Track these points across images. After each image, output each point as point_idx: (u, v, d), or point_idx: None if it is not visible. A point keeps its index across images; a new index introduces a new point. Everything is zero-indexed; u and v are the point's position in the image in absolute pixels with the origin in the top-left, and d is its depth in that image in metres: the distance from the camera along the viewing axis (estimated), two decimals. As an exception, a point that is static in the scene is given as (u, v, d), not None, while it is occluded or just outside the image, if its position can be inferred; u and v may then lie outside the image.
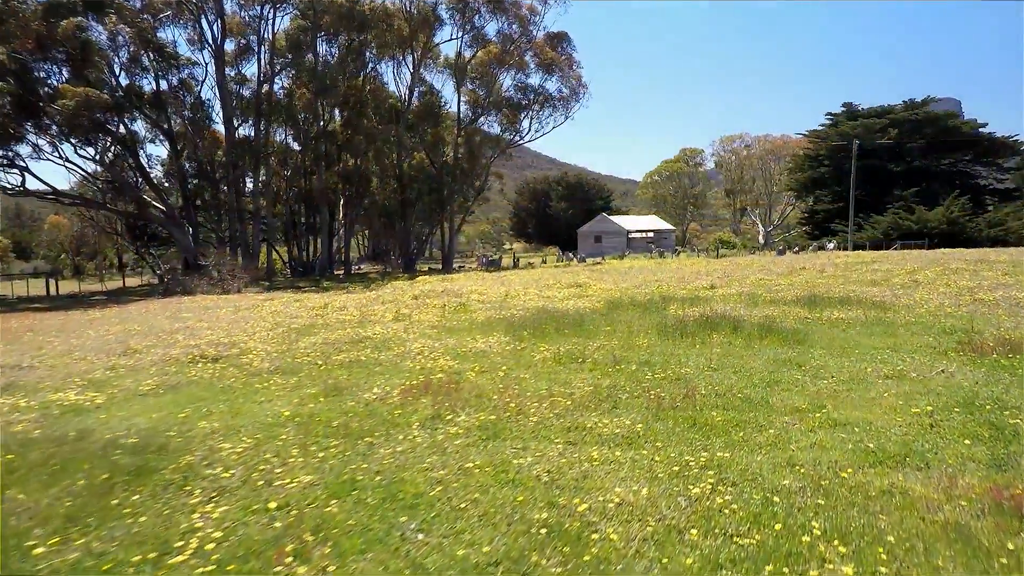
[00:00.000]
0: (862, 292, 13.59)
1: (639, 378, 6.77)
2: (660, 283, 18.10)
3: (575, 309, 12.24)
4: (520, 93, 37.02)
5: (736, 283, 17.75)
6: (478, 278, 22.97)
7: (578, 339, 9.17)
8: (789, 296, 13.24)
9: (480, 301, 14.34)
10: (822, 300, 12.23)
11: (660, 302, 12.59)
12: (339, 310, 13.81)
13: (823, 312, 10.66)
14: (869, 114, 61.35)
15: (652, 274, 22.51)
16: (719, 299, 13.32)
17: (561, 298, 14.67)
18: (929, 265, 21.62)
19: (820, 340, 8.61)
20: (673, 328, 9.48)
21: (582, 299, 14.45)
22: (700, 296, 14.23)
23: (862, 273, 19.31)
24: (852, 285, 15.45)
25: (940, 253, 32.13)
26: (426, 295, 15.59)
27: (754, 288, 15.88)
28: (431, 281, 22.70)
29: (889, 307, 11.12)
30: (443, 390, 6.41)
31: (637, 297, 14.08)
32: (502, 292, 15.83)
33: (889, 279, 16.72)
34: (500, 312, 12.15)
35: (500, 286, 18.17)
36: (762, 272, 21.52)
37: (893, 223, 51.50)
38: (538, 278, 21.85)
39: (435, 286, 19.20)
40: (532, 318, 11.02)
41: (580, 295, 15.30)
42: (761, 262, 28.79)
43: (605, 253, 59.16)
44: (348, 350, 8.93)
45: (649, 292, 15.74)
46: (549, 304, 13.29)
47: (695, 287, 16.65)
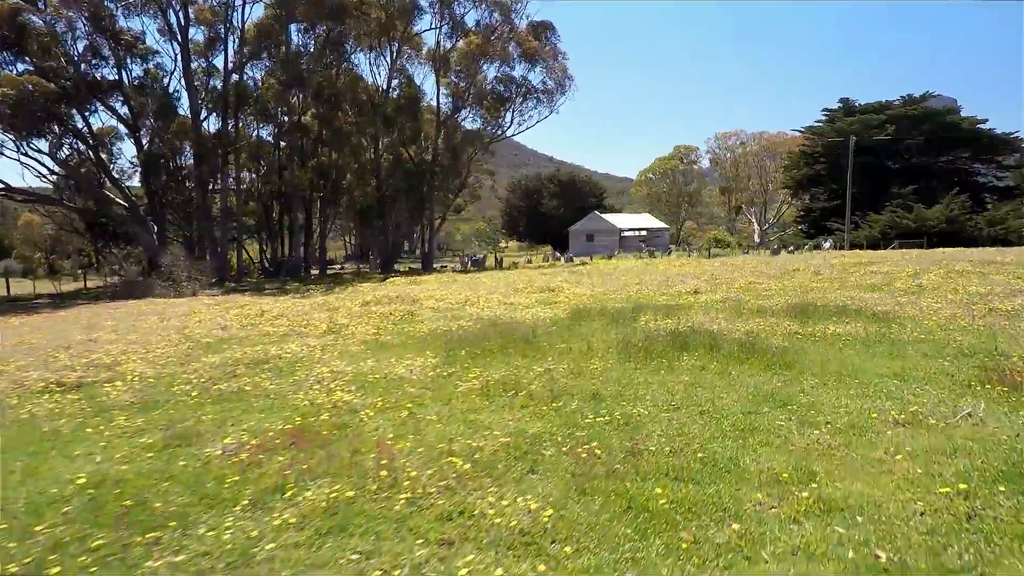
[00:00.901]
0: (861, 299, 12.09)
1: (577, 421, 5.24)
2: (641, 287, 16.59)
3: (533, 320, 10.72)
4: (503, 85, 35.42)
5: (723, 287, 16.24)
6: (449, 280, 21.43)
7: (523, 360, 7.65)
8: (779, 304, 11.73)
9: (433, 309, 12.81)
10: (816, 310, 10.71)
11: (632, 312, 11.06)
12: (275, 319, 12.26)
13: (816, 325, 9.14)
14: (866, 110, 59.92)
15: (636, 276, 20.98)
16: (700, 307, 11.81)
17: (525, 305, 13.14)
18: (932, 267, 20.14)
19: (812, 363, 7.09)
20: (639, 347, 7.96)
21: (548, 307, 12.93)
22: (680, 304, 12.71)
23: (860, 276, 17.82)
24: (849, 290, 13.94)
25: (941, 253, 30.68)
26: (379, 301, 14.04)
27: (742, 293, 14.38)
28: (398, 284, 21.15)
29: (893, 319, 9.61)
30: (315, 440, 4.88)
31: (609, 305, 12.57)
32: (463, 298, 14.29)
33: (890, 283, 15.22)
34: (448, 323, 10.62)
35: (466, 290, 16.63)
36: (753, 274, 20.02)
37: (891, 222, 50.08)
38: (513, 280, 20.32)
39: (398, 290, 17.65)
40: (479, 332, 9.49)
41: (548, 302, 13.78)
42: (753, 263, 27.31)
43: (597, 252, 57.72)
44: (242, 375, 7.38)
45: (625, 298, 14.24)
46: (508, 313, 11.76)
47: (677, 292, 15.14)
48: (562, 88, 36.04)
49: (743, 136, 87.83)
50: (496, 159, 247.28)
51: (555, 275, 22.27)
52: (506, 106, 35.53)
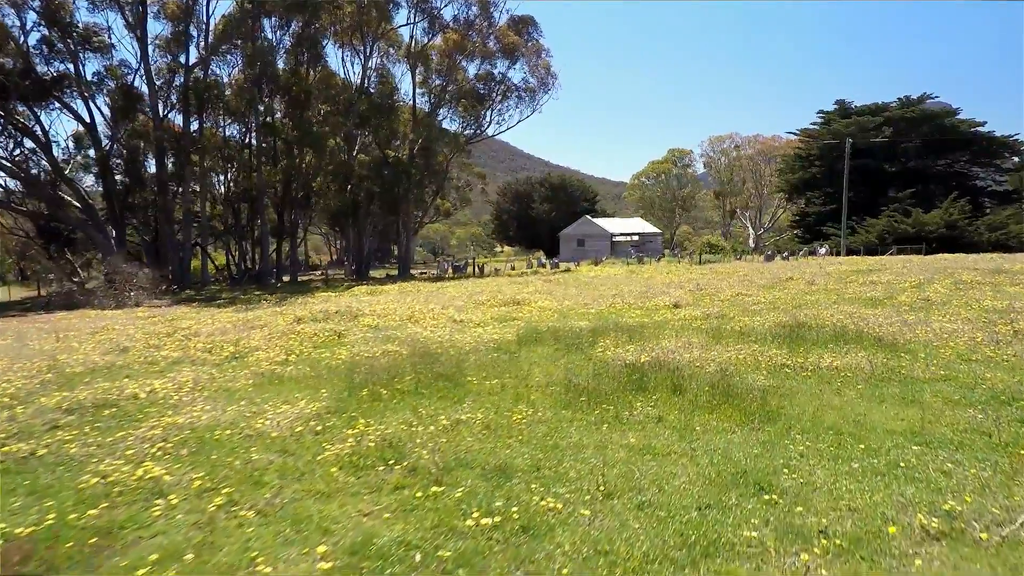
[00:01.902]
0: (861, 317, 10.45)
1: (455, 524, 3.55)
2: (617, 299, 14.92)
3: (475, 344, 9.05)
4: (482, 83, 33.71)
5: (707, 300, 14.60)
6: (412, 291, 19.74)
7: (435, 405, 5.97)
8: (767, 324, 10.07)
9: (369, 327, 11.13)
10: (809, 332, 9.07)
11: (593, 334, 9.39)
12: (184, 339, 10.55)
13: (809, 355, 7.49)
14: (863, 112, 58.54)
15: (615, 286, 19.34)
16: (675, 328, 10.15)
17: (477, 323, 11.46)
18: (936, 276, 18.55)
19: (802, 412, 5.43)
20: (584, 387, 6.28)
21: (503, 324, 11.26)
22: (654, 322, 11.05)
23: (859, 286, 16.21)
24: (848, 305, 12.29)
25: (943, 260, 29.14)
26: (315, 317, 12.34)
27: (726, 308, 12.73)
28: (357, 294, 19.47)
29: (901, 346, 7.96)
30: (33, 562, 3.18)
31: (572, 323, 10.91)
32: (410, 313, 12.61)
33: (893, 296, 13.59)
34: (373, 348, 8.93)
35: (421, 303, 14.94)
36: (742, 284, 18.39)
37: (888, 226, 48.61)
38: (480, 291, 18.63)
39: (347, 302, 15.96)
40: (401, 362, 7.83)
41: (505, 318, 12.10)
42: (745, 270, 25.69)
43: (588, 257, 56.15)
44: (65, 426, 5.68)
45: (595, 314, 12.57)
46: (450, 335, 10.07)
47: (655, 306, 13.48)
48: (545, 86, 34.49)
49: (737, 139, 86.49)
50: (493, 163, 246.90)
51: (530, 284, 20.59)
52: (485, 105, 33.86)
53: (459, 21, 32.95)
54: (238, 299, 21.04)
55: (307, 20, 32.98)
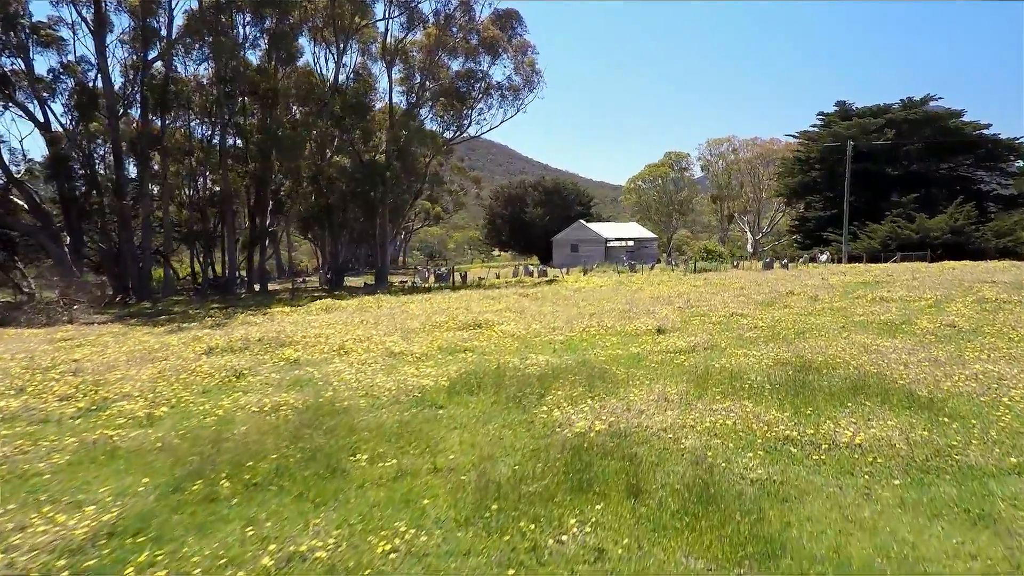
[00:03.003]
0: (879, 352, 8.59)
1: None
2: (594, 320, 13.05)
3: (396, 392, 7.18)
4: (462, 81, 31.84)
5: (697, 322, 12.73)
6: (372, 306, 17.83)
7: (287, 510, 4.10)
8: (765, 362, 8.21)
9: (288, 361, 9.27)
10: (818, 377, 7.20)
11: (547, 379, 7.52)
12: (56, 378, 8.65)
13: (821, 420, 5.60)
14: (864, 114, 56.80)
15: (598, 302, 17.47)
16: (652, 367, 8.29)
17: (416, 356, 9.58)
18: (953, 291, 16.70)
19: (818, 544, 3.56)
20: (507, 480, 4.41)
21: (446, 359, 9.39)
22: (629, 355, 9.19)
23: (869, 304, 14.34)
24: (860, 333, 10.42)
25: (952, 270, 27.33)
26: (231, 346, 10.45)
27: (718, 334, 10.86)
28: (312, 309, 17.59)
29: (940, 404, 6.08)
30: None
31: (529, 360, 9.04)
32: (346, 341, 10.70)
33: (910, 319, 11.72)
34: (266, 397, 7.05)
35: (369, 325, 13.05)
36: (738, 299, 16.53)
37: (891, 232, 46.79)
38: (446, 307, 16.75)
39: (289, 321, 14.10)
40: (281, 424, 5.95)
41: (454, 348, 10.22)
42: (742, 281, 23.85)
43: (582, 263, 54.39)
44: None
45: (561, 344, 10.71)
46: (374, 375, 8.19)
47: (635, 331, 11.60)
48: (531, 84, 32.60)
49: (735, 142, 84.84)
50: (491, 166, 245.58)
51: (504, 299, 18.70)
52: (467, 103, 31.98)
53: (439, 15, 31.12)
54: (183, 315, 19.14)
55: (280, 16, 31.18)
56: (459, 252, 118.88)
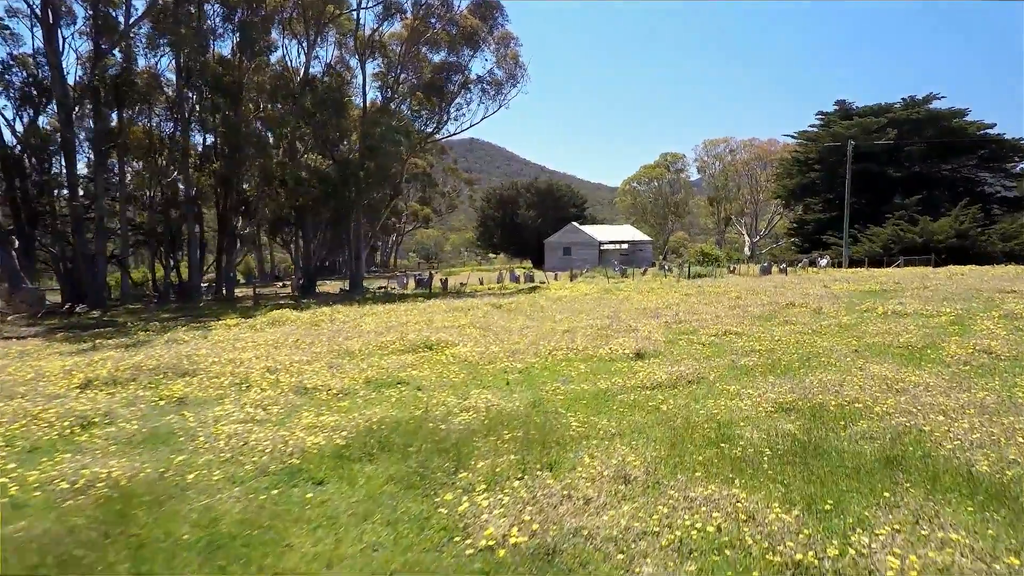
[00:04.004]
0: (905, 390, 6.82)
1: None
2: (565, 340, 11.27)
3: (271, 455, 5.36)
4: (439, 74, 29.97)
5: (683, 342, 10.94)
6: (325, 319, 15.99)
7: None
8: (762, 410, 6.41)
9: (169, 399, 7.46)
10: (834, 435, 5.42)
11: (475, 436, 5.73)
12: None
13: (848, 533, 3.78)
14: (865, 113, 55.16)
15: (577, 315, 15.69)
16: (617, 416, 6.51)
17: (334, 392, 7.79)
18: (970, 300, 14.97)
19: None
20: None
21: (368, 397, 7.61)
22: (595, 392, 7.41)
23: (881, 321, 12.56)
24: (878, 362, 8.63)
25: (962, 275, 25.60)
26: (116, 377, 8.61)
27: (705, 361, 9.07)
28: (258, 322, 15.75)
29: (1012, 489, 4.28)
30: None
31: (467, 405, 7.27)
32: (263, 368, 8.89)
33: (936, 341, 9.95)
34: (87, 467, 5.23)
35: (303, 347, 11.24)
36: (733, 312, 14.77)
37: (894, 235, 45.11)
38: (406, 321, 14.95)
39: (224, 337, 12.30)
40: (39, 540, 4.13)
41: (386, 381, 8.43)
42: (738, 288, 22.07)
43: (575, 267, 52.72)
44: None
45: (517, 375, 8.92)
46: (262, 425, 6.37)
47: (610, 355, 9.82)
48: (514, 79, 30.82)
49: (732, 143, 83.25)
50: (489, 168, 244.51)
51: (472, 312, 16.90)
52: (445, 98, 30.15)
53: (418, 6, 29.24)
54: (119, 328, 17.29)
55: (252, 7, 29.39)
56: (455, 255, 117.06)
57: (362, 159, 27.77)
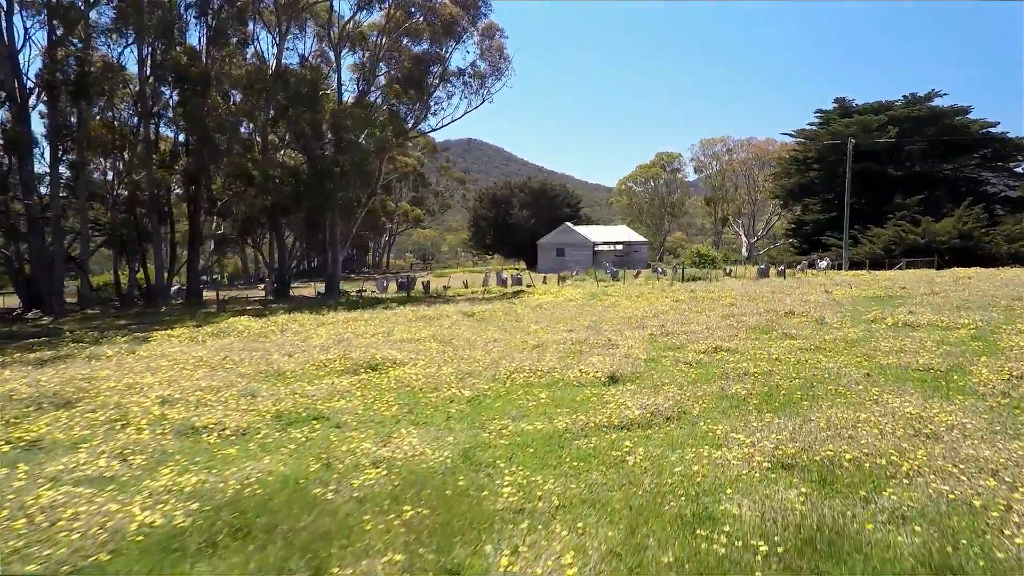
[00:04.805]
0: (939, 438, 5.39)
1: None
2: (533, 357, 9.83)
3: (59, 554, 3.84)
4: (417, 64, 28.48)
5: (666, 362, 9.50)
6: (274, 330, 14.47)
7: None
8: (754, 470, 4.95)
9: (24, 441, 5.97)
10: (851, 518, 3.96)
11: (360, 516, 4.26)
12: None
13: None
14: (865, 111, 53.78)
15: (554, 325, 14.25)
16: (561, 481, 5.05)
17: (222, 437, 6.31)
18: (987, 308, 13.56)
19: None
20: None
21: (269, 440, 6.13)
22: (545, 438, 5.95)
23: (890, 332, 11.12)
24: (895, 391, 7.18)
25: (969, 279, 24.21)
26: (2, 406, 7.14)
27: (689, 387, 7.62)
28: (203, 333, 14.25)
29: None
30: None
31: (392, 447, 5.81)
32: (156, 396, 7.42)
33: (959, 361, 8.52)
34: None
35: (221, 368, 9.76)
36: (726, 322, 13.33)
37: (895, 236, 43.74)
38: (362, 332, 13.48)
39: (153, 352, 10.83)
40: None
41: (296, 418, 6.95)
42: (734, 293, 20.64)
43: (568, 268, 51.37)
44: None
45: (464, 404, 7.47)
46: (102, 491, 4.88)
47: (579, 378, 8.37)
48: (498, 72, 29.28)
49: (729, 142, 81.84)
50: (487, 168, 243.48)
51: (442, 319, 15.44)
52: (425, 91, 28.63)
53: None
54: (57, 337, 15.79)
55: None
56: (452, 255, 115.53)
57: (335, 155, 26.24)
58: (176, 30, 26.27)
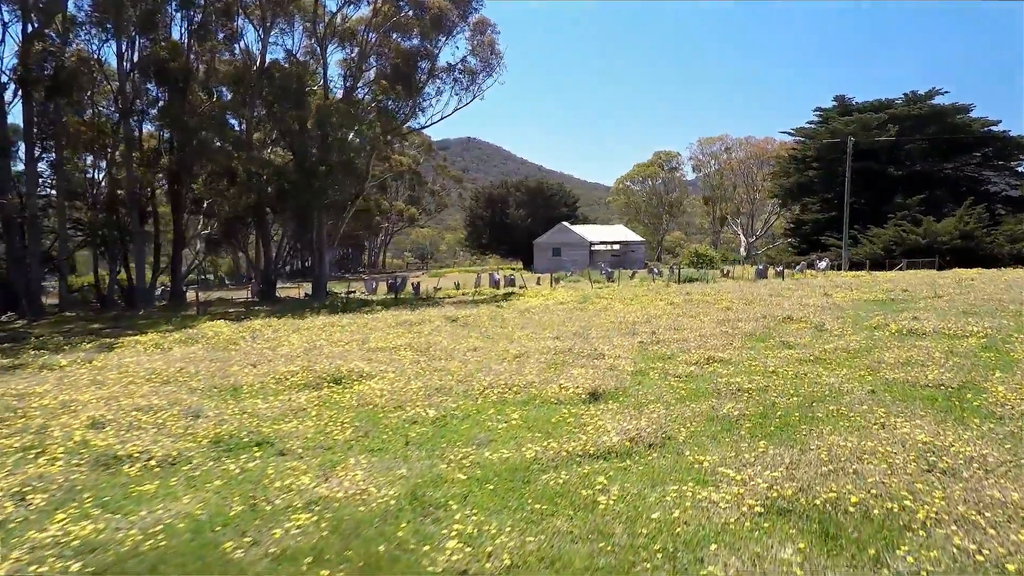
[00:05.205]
0: (957, 474, 4.71)
1: None
2: (512, 369, 9.15)
3: None
4: (405, 60, 27.74)
5: (656, 373, 8.82)
6: (246, 334, 13.79)
7: None
8: (744, 516, 4.25)
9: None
10: None
11: (287, 569, 3.54)
12: None
13: None
14: (864, 109, 53.08)
15: (540, 332, 13.56)
16: (519, 523, 4.33)
17: (143, 468, 5.61)
18: (995, 314, 12.87)
19: None
20: None
21: (196, 475, 5.42)
22: (510, 471, 5.27)
23: (895, 340, 10.43)
24: (903, 415, 6.51)
25: (972, 280, 23.54)
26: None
27: (677, 408, 6.94)
28: (167, 342, 13.52)
29: None
30: None
31: (331, 484, 5.13)
32: (84, 417, 6.72)
33: (972, 376, 7.83)
34: None
35: (172, 382, 9.06)
36: (720, 329, 12.65)
37: (896, 237, 43.05)
38: (330, 340, 12.77)
39: (105, 364, 10.12)
40: None
41: (238, 444, 6.26)
42: (730, 296, 19.93)
43: (564, 268, 50.67)
44: None
45: (429, 425, 6.79)
46: None
47: (556, 396, 7.69)
48: (489, 68, 28.55)
49: (728, 141, 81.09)
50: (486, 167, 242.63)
51: (423, 325, 14.74)
52: (413, 87, 27.85)
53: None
54: (18, 344, 15.06)
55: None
56: (451, 254, 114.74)
57: (322, 154, 25.49)
58: (158, 24, 25.49)
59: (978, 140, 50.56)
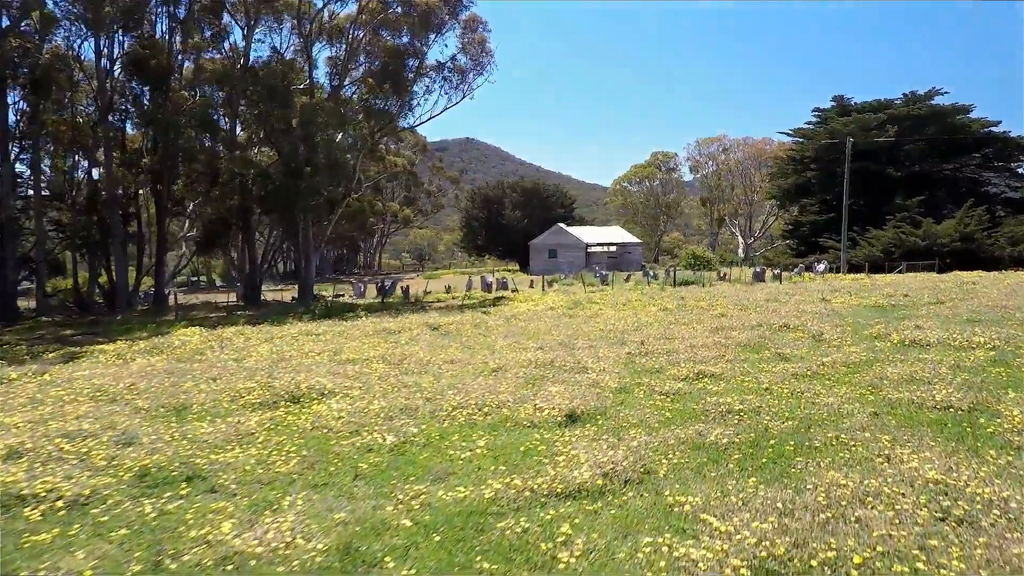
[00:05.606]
0: (979, 527, 4.06)
1: None
2: (487, 386, 8.51)
3: None
4: (393, 58, 27.12)
5: (642, 390, 8.19)
6: (214, 343, 13.12)
7: None
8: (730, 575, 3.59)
9: None
10: None
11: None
12: None
13: None
14: (863, 109, 52.50)
15: (524, 341, 12.93)
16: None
17: (73, 499, 4.94)
18: (1002, 323, 12.24)
19: None
20: None
21: (125, 508, 4.76)
22: (465, 515, 4.62)
23: (897, 353, 9.80)
24: (910, 446, 5.87)
25: (973, 283, 22.95)
26: None
27: (660, 433, 6.31)
28: (129, 353, 12.86)
29: None
30: None
31: (254, 530, 4.43)
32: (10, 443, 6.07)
33: (983, 393, 7.20)
34: None
35: (120, 401, 8.41)
36: (714, 337, 12.02)
37: (895, 239, 42.47)
38: (303, 351, 12.12)
39: (58, 376, 9.48)
40: None
41: (161, 479, 5.58)
42: (726, 302, 19.31)
43: (560, 270, 50.11)
44: None
45: (386, 454, 6.16)
46: None
47: (533, 416, 7.05)
48: (480, 66, 27.96)
49: (726, 142, 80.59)
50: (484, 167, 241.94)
51: (401, 333, 14.09)
52: (401, 86, 27.22)
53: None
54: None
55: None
56: (448, 255, 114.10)
57: (307, 152, 24.83)
58: (141, 20, 24.82)
59: (978, 141, 50.00)
